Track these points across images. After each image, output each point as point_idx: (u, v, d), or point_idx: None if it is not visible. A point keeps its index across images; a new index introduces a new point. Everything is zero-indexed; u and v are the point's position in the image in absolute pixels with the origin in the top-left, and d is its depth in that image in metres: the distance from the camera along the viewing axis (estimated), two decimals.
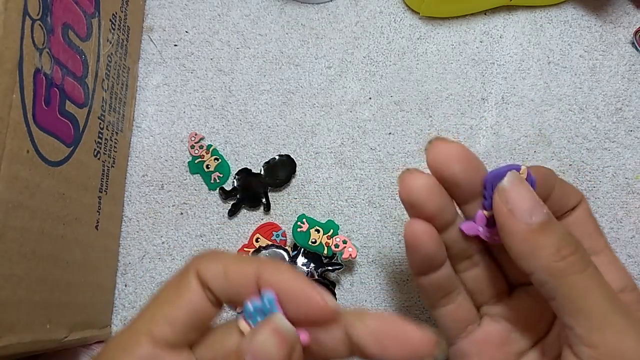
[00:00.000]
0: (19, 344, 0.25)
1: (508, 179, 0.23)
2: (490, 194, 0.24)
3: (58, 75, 0.29)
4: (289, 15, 0.41)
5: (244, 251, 0.37)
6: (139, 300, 0.37)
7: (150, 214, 0.38)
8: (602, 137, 0.38)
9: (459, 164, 0.24)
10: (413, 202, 0.24)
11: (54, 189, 0.28)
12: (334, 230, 0.35)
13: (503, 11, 0.40)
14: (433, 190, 0.24)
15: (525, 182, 0.23)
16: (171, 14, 0.42)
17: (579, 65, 0.39)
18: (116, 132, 0.37)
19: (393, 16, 0.41)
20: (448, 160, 0.24)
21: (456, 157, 0.24)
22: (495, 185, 0.24)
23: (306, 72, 0.40)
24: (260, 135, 0.39)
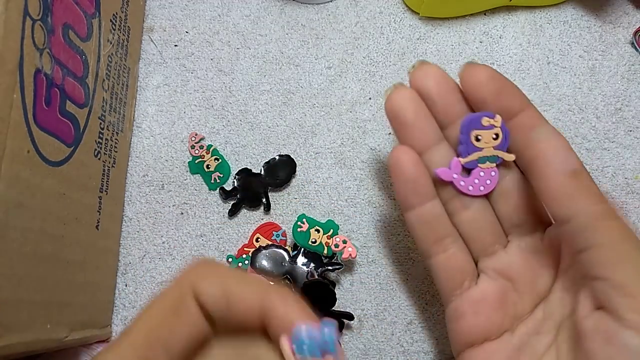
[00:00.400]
0: (20, 344, 0.25)
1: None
2: (466, 139, 0.26)
3: (58, 75, 0.29)
4: (289, 15, 0.41)
5: (244, 251, 0.37)
6: (139, 300, 0.37)
7: (150, 214, 0.38)
8: (602, 137, 0.38)
9: (433, 79, 0.26)
10: (396, 110, 0.26)
11: (55, 189, 0.28)
12: (334, 230, 0.35)
13: (503, 11, 0.40)
14: (414, 100, 0.26)
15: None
16: (171, 14, 0.42)
17: (578, 66, 0.39)
18: (117, 132, 0.37)
19: (393, 16, 0.41)
20: (425, 77, 0.26)
21: (432, 74, 0.26)
22: (470, 131, 0.25)
23: (306, 72, 0.40)
24: (260, 135, 0.39)
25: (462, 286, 0.27)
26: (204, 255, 0.38)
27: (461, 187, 0.26)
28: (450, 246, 0.27)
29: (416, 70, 0.26)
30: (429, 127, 0.26)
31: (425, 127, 0.26)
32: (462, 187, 0.26)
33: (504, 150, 0.26)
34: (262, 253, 0.35)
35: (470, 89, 0.26)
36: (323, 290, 0.34)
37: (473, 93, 0.26)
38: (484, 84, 0.25)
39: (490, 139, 0.26)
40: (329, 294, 0.34)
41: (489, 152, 0.26)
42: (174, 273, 0.37)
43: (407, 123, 0.26)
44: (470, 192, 0.26)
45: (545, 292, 0.26)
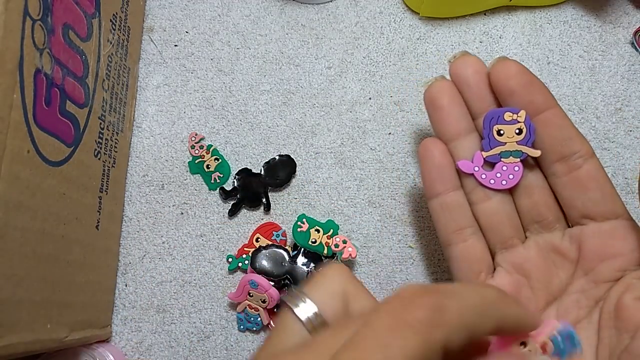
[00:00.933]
0: (20, 344, 0.25)
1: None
2: (488, 133, 0.26)
3: (58, 75, 0.29)
4: (289, 15, 0.41)
5: (244, 251, 0.37)
6: (139, 300, 0.37)
7: (150, 214, 0.38)
8: (602, 137, 0.38)
9: (472, 67, 0.27)
10: (433, 96, 0.28)
11: (55, 189, 0.28)
12: (334, 230, 0.35)
13: (503, 11, 0.40)
14: (452, 89, 0.28)
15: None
16: (171, 14, 0.42)
17: (578, 66, 0.39)
18: (117, 132, 0.37)
19: (393, 16, 0.41)
20: (464, 65, 0.28)
21: (472, 63, 0.28)
22: (493, 126, 0.26)
23: (306, 72, 0.40)
24: (260, 135, 0.39)
25: (478, 277, 0.28)
26: (204, 255, 0.38)
27: (482, 180, 0.27)
28: (469, 237, 0.28)
29: (457, 59, 0.28)
30: (462, 114, 0.28)
31: (458, 113, 0.27)
32: (484, 180, 0.27)
33: (529, 146, 0.27)
34: (262, 253, 0.35)
35: (499, 80, 0.27)
36: None
37: (501, 84, 0.26)
38: (512, 75, 0.26)
39: (513, 134, 0.26)
40: None
41: (512, 146, 0.27)
42: (174, 273, 0.38)
43: (442, 107, 0.27)
44: (491, 185, 0.27)
45: (559, 292, 0.27)
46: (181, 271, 0.38)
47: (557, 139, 0.26)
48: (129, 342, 0.37)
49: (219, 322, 0.37)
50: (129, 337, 0.37)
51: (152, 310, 0.37)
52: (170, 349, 0.37)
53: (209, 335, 0.37)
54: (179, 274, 0.38)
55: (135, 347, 0.37)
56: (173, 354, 0.36)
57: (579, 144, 0.26)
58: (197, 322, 0.37)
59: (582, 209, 0.26)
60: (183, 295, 0.37)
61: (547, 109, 0.27)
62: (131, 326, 0.37)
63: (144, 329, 0.37)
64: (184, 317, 0.37)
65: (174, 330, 0.37)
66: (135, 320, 0.37)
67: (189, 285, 0.37)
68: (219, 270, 0.37)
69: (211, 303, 0.37)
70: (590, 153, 0.26)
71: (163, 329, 0.37)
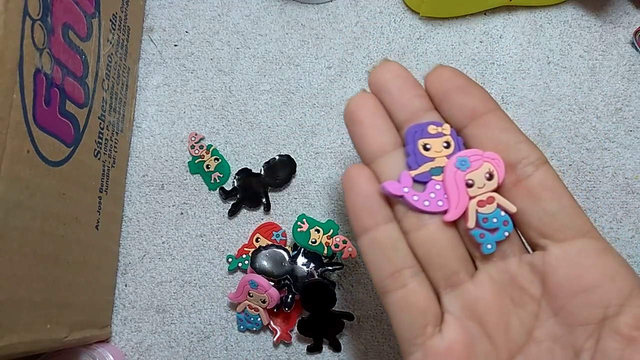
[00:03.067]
0: (20, 344, 0.25)
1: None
2: (413, 149, 0.23)
3: (58, 75, 0.29)
4: (289, 15, 0.41)
5: (244, 251, 0.37)
6: (139, 300, 0.37)
7: (150, 214, 0.38)
8: (602, 137, 0.38)
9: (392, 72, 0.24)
10: (352, 110, 0.24)
11: (54, 189, 0.28)
12: (334, 230, 0.35)
13: (503, 11, 0.40)
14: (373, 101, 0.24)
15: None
16: (171, 14, 0.42)
17: (578, 66, 0.39)
18: (116, 132, 0.37)
19: (393, 16, 0.41)
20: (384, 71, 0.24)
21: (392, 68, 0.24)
22: (417, 140, 0.23)
23: (306, 72, 0.40)
24: (260, 135, 0.39)
25: (424, 333, 0.22)
26: (204, 255, 0.38)
27: (414, 203, 0.22)
28: (409, 280, 0.23)
29: (376, 68, 0.25)
30: (385, 127, 0.24)
31: (381, 126, 0.24)
32: (416, 203, 0.22)
33: None
34: (262, 253, 0.35)
35: (433, 85, 0.24)
36: (323, 290, 0.34)
37: (435, 88, 0.24)
38: (446, 78, 0.23)
39: (440, 148, 0.23)
40: (329, 294, 0.34)
41: (442, 162, 0.23)
42: (174, 273, 0.38)
43: (362, 122, 0.24)
44: (426, 208, 0.22)
45: (523, 340, 0.22)
46: (181, 271, 0.38)
47: (500, 143, 0.22)
48: (128, 342, 0.37)
49: (219, 322, 0.37)
50: (129, 337, 0.37)
51: (152, 311, 0.37)
52: (170, 349, 0.37)
53: (209, 335, 0.37)
54: (179, 274, 0.37)
55: (135, 347, 0.37)
56: (173, 354, 0.36)
57: (528, 149, 0.22)
58: (197, 322, 0.37)
59: (538, 225, 0.22)
60: (183, 296, 0.37)
61: (487, 111, 0.23)
62: (131, 326, 0.37)
63: (143, 329, 0.37)
64: (183, 317, 0.37)
65: (173, 330, 0.37)
66: (135, 320, 0.37)
67: (189, 285, 0.37)
68: (219, 270, 0.37)
69: (211, 303, 0.37)
70: (542, 160, 0.22)
71: (163, 329, 0.37)
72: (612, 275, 0.20)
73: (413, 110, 0.24)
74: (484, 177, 0.22)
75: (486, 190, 0.22)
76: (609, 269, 0.21)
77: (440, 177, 0.23)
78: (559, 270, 0.21)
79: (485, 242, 0.22)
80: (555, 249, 0.21)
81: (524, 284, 0.22)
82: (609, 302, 0.20)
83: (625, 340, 0.20)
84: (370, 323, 0.36)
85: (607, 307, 0.20)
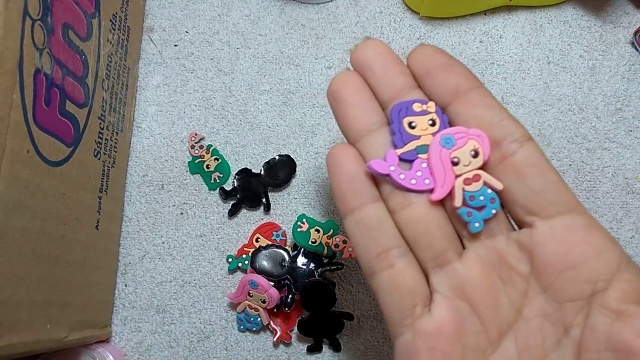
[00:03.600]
0: (19, 344, 0.25)
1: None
2: (398, 127, 0.23)
3: (58, 75, 0.29)
4: (289, 15, 0.41)
5: (244, 251, 0.37)
6: (139, 300, 0.37)
7: (150, 214, 0.38)
8: (602, 137, 0.38)
9: (374, 50, 0.24)
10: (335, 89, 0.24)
11: (54, 189, 0.28)
12: (334, 230, 0.35)
13: (503, 11, 0.40)
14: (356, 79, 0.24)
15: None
16: (171, 14, 0.42)
17: (578, 65, 0.39)
18: (116, 132, 0.37)
19: (393, 16, 0.41)
20: (365, 48, 0.24)
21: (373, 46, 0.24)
22: (402, 118, 0.23)
23: (306, 72, 0.40)
24: (260, 135, 0.39)
25: (413, 313, 0.22)
26: (204, 255, 0.38)
27: (401, 181, 0.22)
28: (396, 260, 0.22)
29: (357, 46, 0.24)
30: (370, 105, 0.24)
31: (366, 104, 0.23)
32: (403, 181, 0.22)
33: None
34: (262, 253, 0.35)
35: (415, 62, 0.23)
36: (323, 290, 0.34)
37: (417, 65, 0.23)
38: (429, 56, 0.23)
39: (426, 126, 0.23)
40: (329, 294, 0.34)
41: (427, 139, 0.23)
42: (173, 273, 0.38)
43: (346, 100, 0.23)
44: (412, 186, 0.22)
45: (513, 317, 0.22)
46: (181, 271, 0.38)
47: (485, 120, 0.22)
48: (128, 342, 0.37)
49: (219, 322, 0.37)
50: (129, 337, 0.37)
51: (151, 311, 0.37)
52: (170, 349, 0.37)
53: (209, 335, 0.37)
54: (179, 274, 0.37)
55: (135, 348, 0.37)
56: (173, 354, 0.36)
57: (512, 126, 0.22)
58: (197, 322, 0.37)
59: (524, 202, 0.21)
60: (183, 296, 0.37)
61: (470, 88, 0.23)
62: (131, 326, 0.37)
63: (143, 329, 0.37)
64: (183, 317, 0.37)
65: (173, 330, 0.37)
66: (135, 320, 0.37)
67: (188, 285, 0.37)
68: (219, 270, 0.37)
69: (211, 303, 0.37)
70: (526, 136, 0.22)
71: (163, 329, 0.37)
72: (599, 250, 0.20)
73: (397, 88, 0.23)
74: (470, 155, 0.22)
75: (472, 168, 0.22)
76: (596, 244, 0.21)
77: (426, 156, 0.23)
78: (546, 246, 0.21)
79: (472, 220, 0.22)
80: (542, 225, 0.21)
81: (512, 262, 0.22)
82: (597, 278, 0.20)
83: (614, 315, 0.20)
84: (370, 323, 0.36)
85: (596, 283, 0.20)
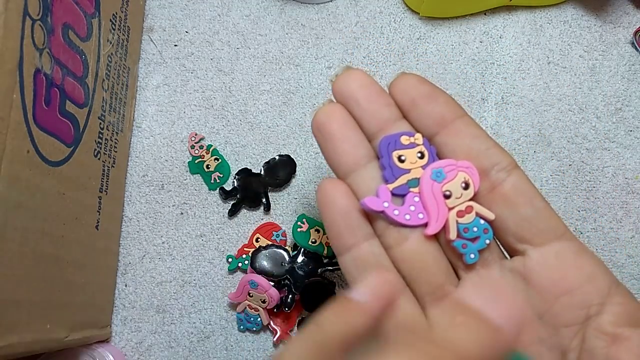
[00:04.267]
0: (19, 344, 0.25)
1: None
2: (388, 162, 0.23)
3: (58, 75, 0.29)
4: (289, 15, 0.41)
5: (244, 251, 0.37)
6: (139, 300, 0.37)
7: (150, 214, 0.38)
8: (602, 137, 0.38)
9: (358, 81, 0.23)
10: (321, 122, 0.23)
11: (54, 189, 0.28)
12: None
13: (503, 11, 0.40)
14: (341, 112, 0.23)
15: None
16: (171, 14, 0.42)
17: (578, 66, 0.39)
18: (116, 132, 0.37)
19: (393, 16, 0.41)
20: (348, 80, 0.23)
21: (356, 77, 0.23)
22: (391, 152, 0.23)
23: (306, 72, 0.40)
24: (260, 135, 0.39)
25: None
26: (204, 255, 0.38)
27: (396, 217, 0.22)
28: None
29: (339, 76, 0.24)
30: (358, 139, 0.23)
31: (354, 138, 0.23)
32: (397, 217, 0.22)
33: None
34: (262, 253, 0.35)
35: (399, 92, 0.23)
36: (323, 290, 0.34)
37: (401, 96, 0.23)
38: (412, 86, 0.23)
39: (415, 159, 0.23)
40: (329, 294, 0.34)
41: (417, 173, 0.23)
42: (173, 273, 0.38)
43: (333, 134, 0.23)
44: (407, 222, 0.22)
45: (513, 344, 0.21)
46: (181, 271, 0.38)
47: (472, 150, 0.22)
48: (128, 342, 0.37)
49: (219, 322, 0.37)
50: (129, 338, 0.37)
51: (151, 311, 0.37)
52: (170, 349, 0.37)
53: (209, 335, 0.37)
54: (179, 274, 0.37)
55: (135, 348, 0.37)
56: (173, 354, 0.36)
57: (499, 154, 0.22)
58: (197, 322, 0.37)
59: (516, 230, 0.22)
60: (183, 296, 0.37)
61: (455, 118, 0.23)
62: (131, 326, 0.37)
63: (143, 329, 0.37)
64: (183, 317, 0.37)
65: (173, 330, 0.37)
66: (135, 320, 0.37)
67: (189, 285, 0.37)
68: (219, 270, 0.37)
69: (211, 303, 0.37)
70: (513, 164, 0.22)
71: (163, 329, 0.37)
72: (590, 275, 0.21)
73: (383, 120, 0.23)
74: (460, 187, 0.22)
75: (464, 200, 0.22)
76: (587, 269, 0.21)
77: (417, 189, 0.23)
78: (540, 274, 0.21)
79: (467, 252, 0.22)
80: (534, 253, 0.21)
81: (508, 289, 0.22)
82: (590, 302, 0.21)
83: (609, 339, 0.20)
84: None
85: (589, 307, 0.21)
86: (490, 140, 0.23)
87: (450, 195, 0.22)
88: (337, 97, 0.24)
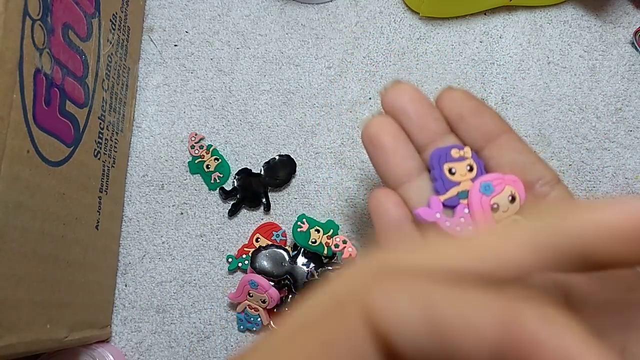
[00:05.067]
0: (19, 344, 0.25)
1: None
2: (439, 174, 0.24)
3: (58, 75, 0.29)
4: (289, 15, 0.41)
5: (244, 251, 0.37)
6: (139, 300, 0.37)
7: (150, 214, 0.38)
8: (602, 137, 0.38)
9: (408, 95, 0.24)
10: (373, 134, 0.24)
11: (54, 189, 0.28)
12: (334, 230, 0.35)
13: (503, 11, 0.40)
14: (392, 125, 0.24)
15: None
16: (171, 14, 0.42)
17: (578, 66, 0.39)
18: (116, 132, 0.37)
19: (393, 16, 0.41)
20: (399, 94, 0.25)
21: (407, 91, 0.25)
22: (443, 164, 0.24)
23: (306, 72, 0.40)
24: (260, 135, 0.39)
25: None
26: (204, 255, 0.38)
27: (447, 228, 0.23)
28: None
29: (389, 89, 0.25)
30: (409, 152, 0.24)
31: (405, 151, 0.24)
32: (449, 228, 0.23)
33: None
34: (262, 253, 0.35)
35: (446, 107, 0.25)
36: None
37: (449, 110, 0.24)
38: (459, 100, 0.24)
39: (465, 171, 0.24)
40: None
41: (467, 185, 0.23)
42: (173, 273, 0.38)
43: (386, 147, 0.24)
44: (458, 233, 0.23)
45: None
46: (181, 271, 0.38)
47: (518, 164, 0.23)
48: (128, 342, 0.37)
49: (219, 322, 0.37)
50: (129, 337, 0.37)
51: (151, 311, 0.37)
52: (170, 349, 0.37)
53: (209, 335, 0.37)
54: (179, 274, 0.37)
55: (135, 347, 0.37)
56: (173, 354, 0.36)
57: (543, 169, 0.23)
58: (197, 322, 0.37)
59: None
60: (183, 296, 0.37)
61: (502, 133, 0.24)
62: (131, 326, 0.37)
63: (143, 329, 0.37)
64: (183, 317, 0.37)
65: (173, 330, 0.37)
66: (135, 320, 0.37)
67: (189, 285, 0.37)
68: (219, 270, 0.37)
69: (211, 303, 0.37)
70: (556, 179, 0.23)
71: (163, 329, 0.37)
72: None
73: (432, 133, 0.24)
74: (507, 200, 0.23)
75: (510, 214, 0.23)
76: None
77: (467, 201, 0.23)
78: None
79: None
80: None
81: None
82: None
83: None
84: None
85: None
86: (534, 155, 0.24)
87: (498, 208, 0.23)
88: (387, 110, 0.25)
